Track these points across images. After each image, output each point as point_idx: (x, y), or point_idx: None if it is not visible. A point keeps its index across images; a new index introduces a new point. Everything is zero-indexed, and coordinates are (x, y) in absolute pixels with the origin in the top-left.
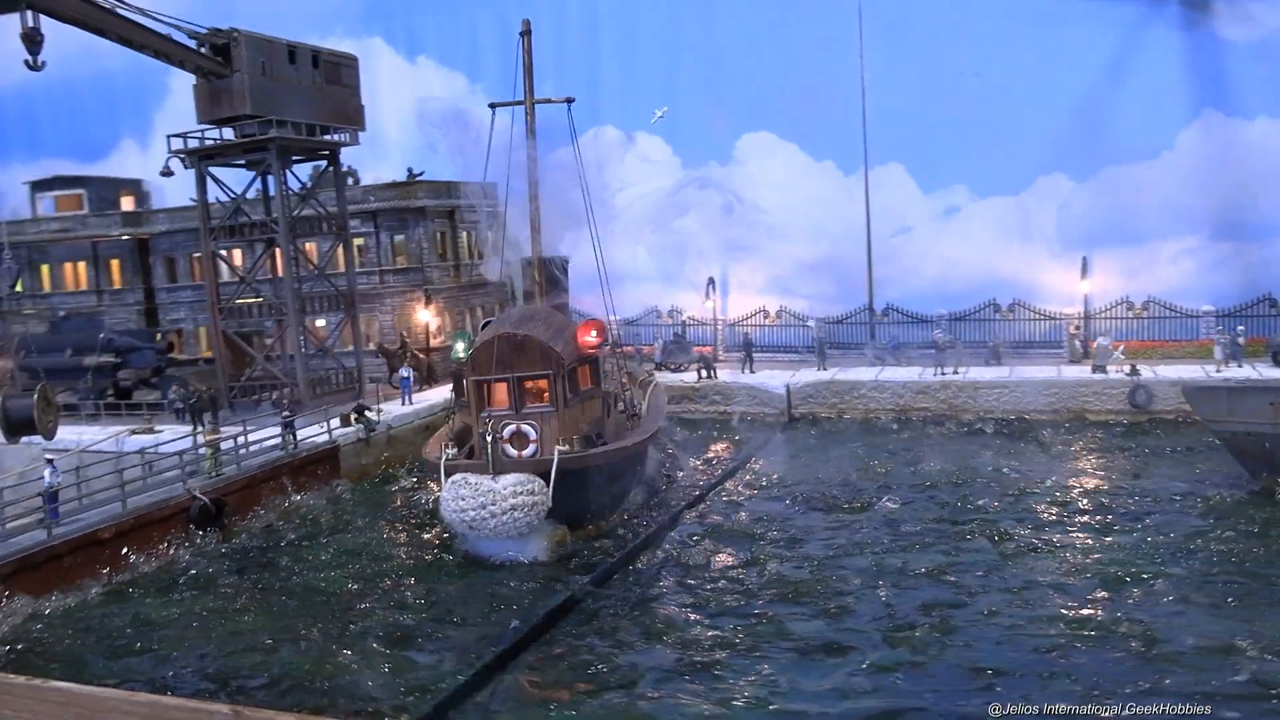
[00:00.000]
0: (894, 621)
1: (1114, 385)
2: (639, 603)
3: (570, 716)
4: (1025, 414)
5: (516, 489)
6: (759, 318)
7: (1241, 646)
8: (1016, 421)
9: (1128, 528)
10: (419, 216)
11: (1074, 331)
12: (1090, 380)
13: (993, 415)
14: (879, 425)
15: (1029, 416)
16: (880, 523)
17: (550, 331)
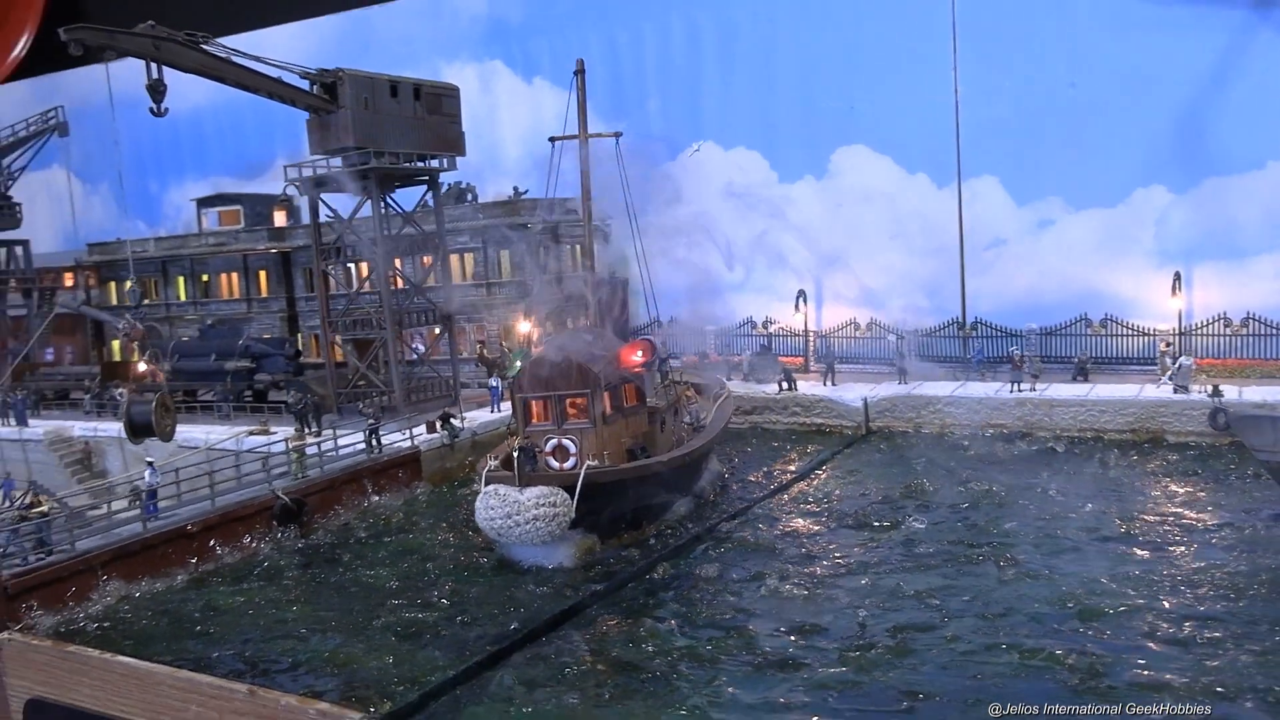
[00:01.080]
0: (857, 641)
1: (1194, 406)
2: (635, 611)
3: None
4: (1102, 433)
5: (539, 500)
6: (849, 330)
7: (1176, 687)
8: (1092, 441)
9: (1143, 557)
10: (523, 232)
11: (1165, 349)
12: (1170, 400)
13: (1068, 434)
14: (950, 441)
15: (1106, 436)
16: (899, 542)
17: (590, 353)
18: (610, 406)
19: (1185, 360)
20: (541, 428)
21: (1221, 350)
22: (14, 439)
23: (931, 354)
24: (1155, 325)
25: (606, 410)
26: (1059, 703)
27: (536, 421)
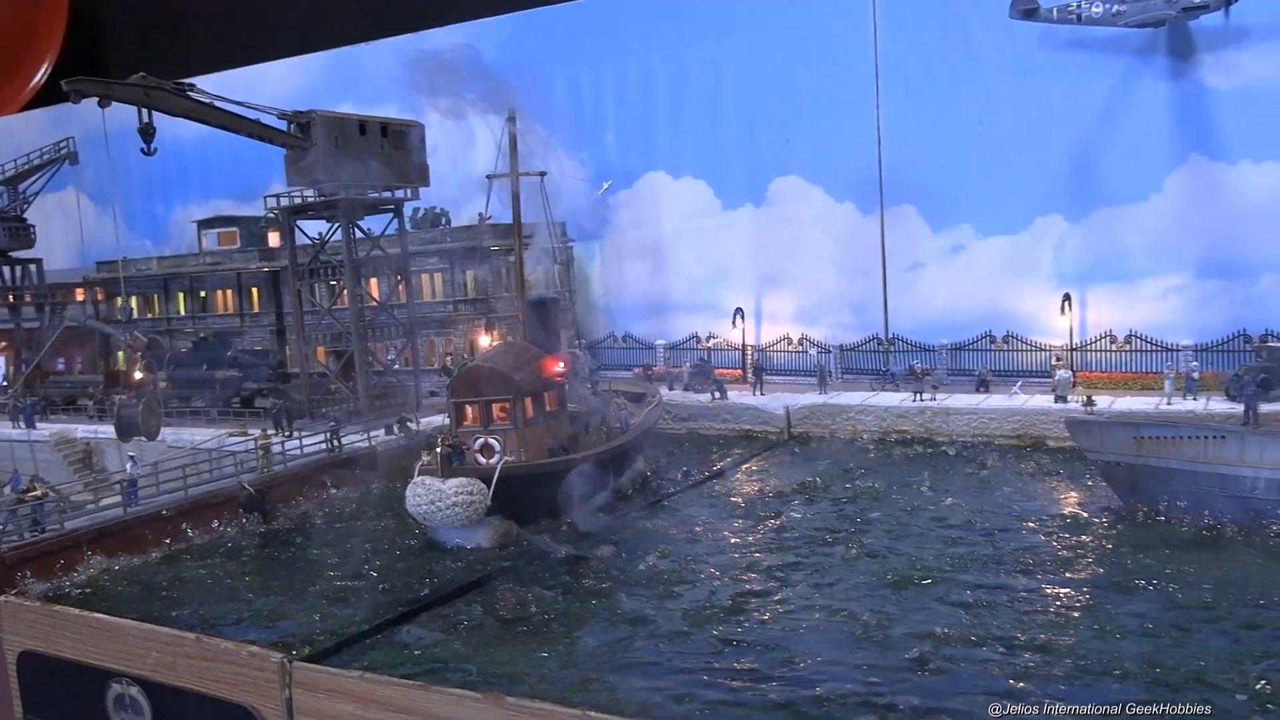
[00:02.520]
0: (702, 604)
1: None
2: (532, 582)
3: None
4: (992, 439)
5: (459, 490)
6: (782, 345)
7: (938, 634)
8: (982, 446)
9: (971, 541)
10: (486, 254)
11: (1056, 363)
12: (1050, 409)
13: (962, 439)
14: (858, 445)
15: (995, 441)
16: (773, 529)
17: (513, 364)
18: (532, 411)
19: (1064, 373)
20: (471, 429)
21: (1108, 365)
22: (23, 440)
23: (856, 367)
24: (1051, 342)
25: (528, 414)
26: (851, 649)
27: (467, 423)
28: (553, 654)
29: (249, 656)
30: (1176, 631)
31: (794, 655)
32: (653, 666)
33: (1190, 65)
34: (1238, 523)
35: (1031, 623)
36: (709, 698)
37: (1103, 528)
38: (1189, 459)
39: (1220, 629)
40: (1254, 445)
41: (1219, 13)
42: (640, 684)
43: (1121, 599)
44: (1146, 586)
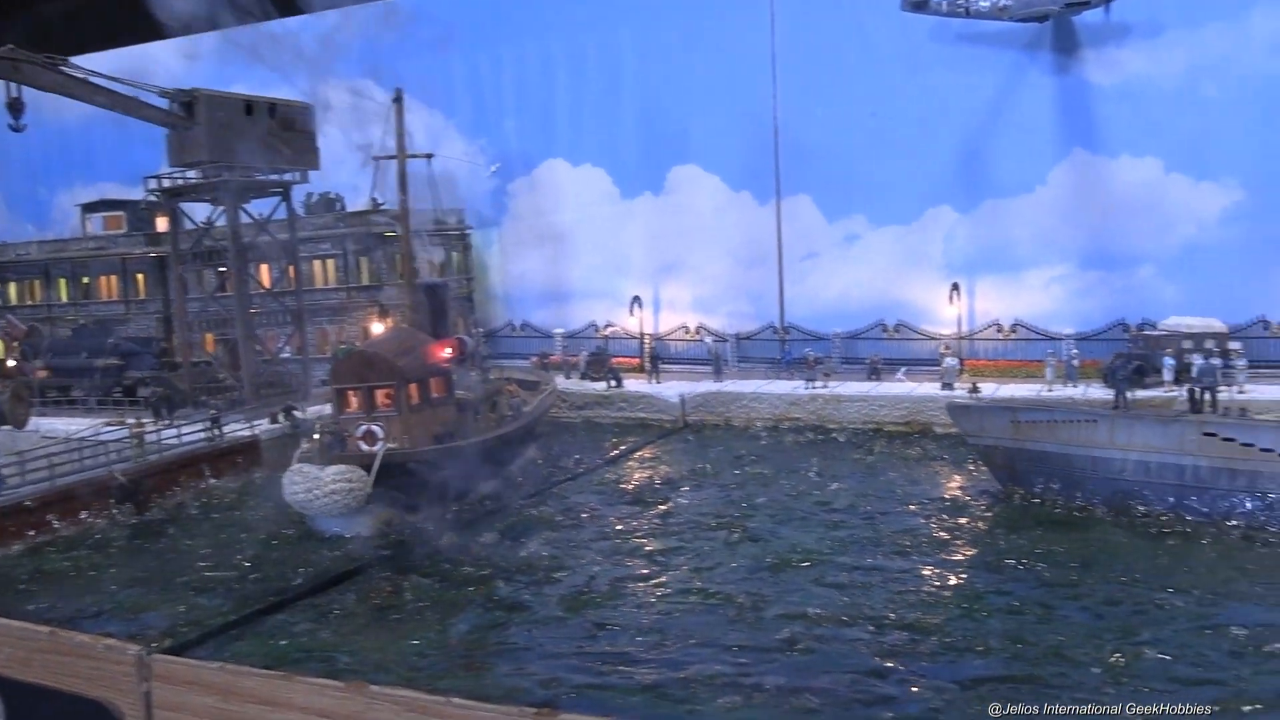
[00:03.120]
0: (580, 590)
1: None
2: (410, 570)
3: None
4: (881, 425)
5: (337, 477)
6: (680, 333)
7: (810, 615)
8: (872, 432)
9: (852, 524)
10: (379, 240)
11: (945, 351)
12: (936, 397)
13: (853, 426)
14: (751, 432)
15: (885, 428)
16: (660, 514)
17: (398, 350)
18: (418, 397)
19: (950, 361)
20: (354, 415)
21: (994, 353)
22: None
23: (752, 356)
24: (940, 330)
25: (413, 400)
26: (724, 631)
27: (350, 410)
28: (424, 641)
29: (105, 650)
30: (1041, 609)
31: (666, 638)
32: (524, 652)
33: (1074, 61)
34: (1107, 503)
35: (903, 602)
36: (577, 681)
37: (980, 510)
38: (1063, 442)
39: (1083, 605)
40: (1123, 429)
41: (1100, 9)
42: (508, 669)
43: (992, 578)
44: (1016, 566)
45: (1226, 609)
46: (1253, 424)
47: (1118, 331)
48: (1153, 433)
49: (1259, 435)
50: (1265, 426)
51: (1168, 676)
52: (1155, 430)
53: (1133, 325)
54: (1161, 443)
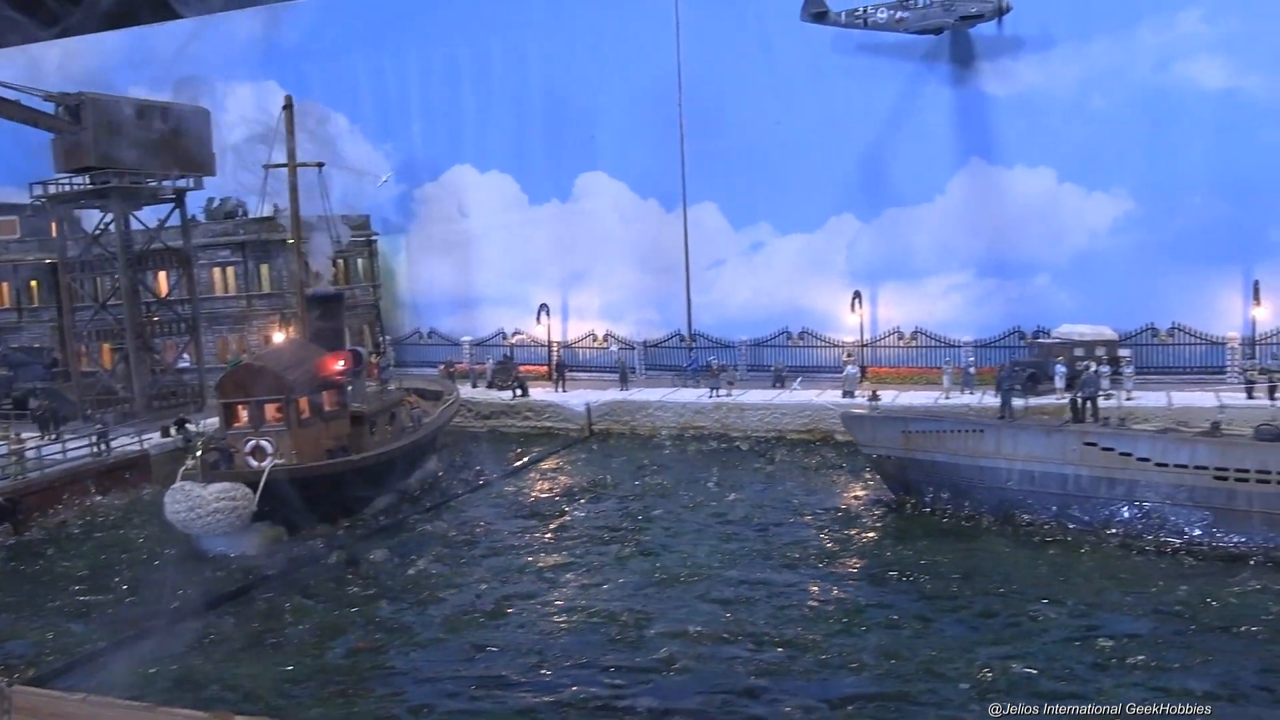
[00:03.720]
0: (465, 609)
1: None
2: (294, 591)
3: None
4: (784, 434)
5: (220, 495)
6: (588, 341)
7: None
8: (774, 441)
9: (746, 536)
10: (280, 248)
11: (847, 359)
12: (838, 404)
13: (756, 434)
14: (655, 442)
15: (787, 436)
16: (555, 529)
17: (287, 363)
18: (309, 411)
19: (851, 369)
20: (241, 430)
21: (896, 360)
22: None
23: (660, 364)
24: (844, 338)
25: (303, 414)
26: (604, 651)
27: (238, 425)
28: (298, 667)
29: None
30: (919, 622)
31: (545, 660)
32: (398, 676)
33: (971, 72)
34: (994, 513)
35: (784, 618)
36: (448, 708)
37: (871, 521)
38: (951, 452)
39: (959, 618)
40: (1008, 438)
41: (993, 23)
42: (382, 695)
43: (874, 591)
44: (900, 578)
45: (1096, 620)
46: (1131, 433)
47: (1014, 339)
48: (1036, 443)
49: (1136, 444)
50: (1142, 436)
51: (1032, 691)
52: (1039, 440)
53: (1028, 333)
54: (1045, 452)
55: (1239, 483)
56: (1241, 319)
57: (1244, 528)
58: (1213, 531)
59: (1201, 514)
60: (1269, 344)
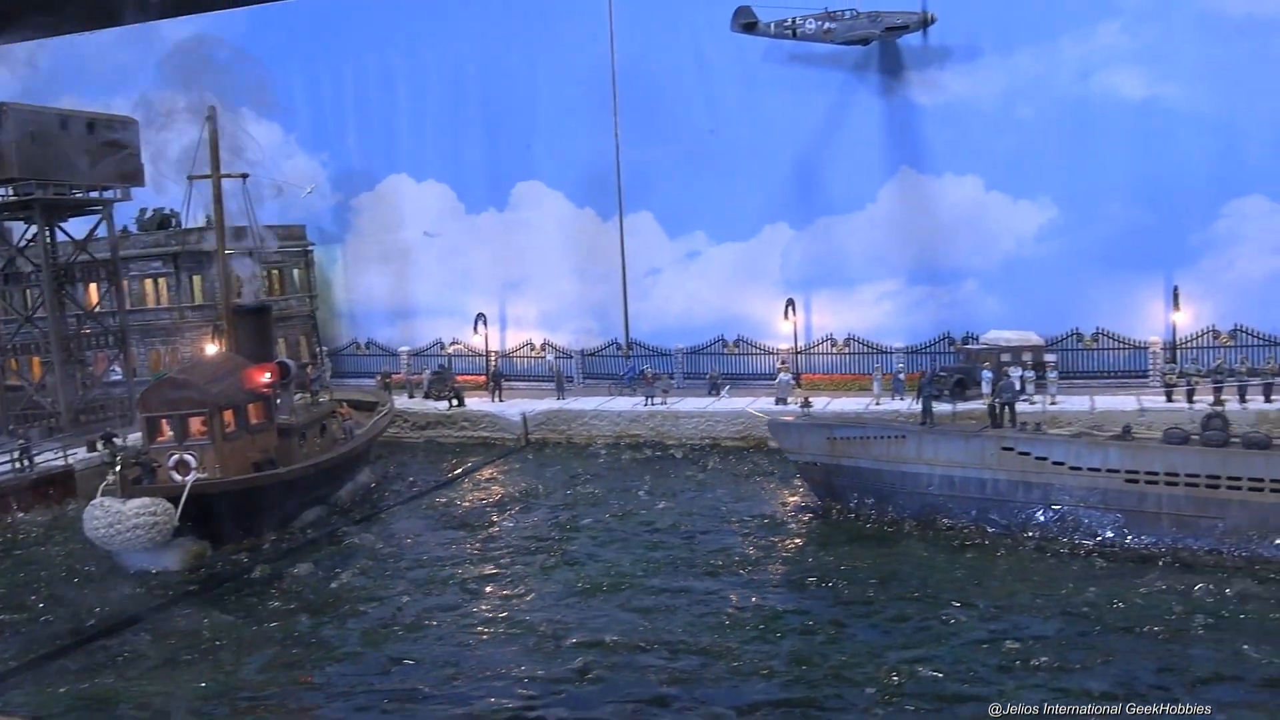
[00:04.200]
0: (385, 622)
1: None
2: (214, 607)
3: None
4: (718, 441)
5: (140, 511)
6: (525, 350)
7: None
8: (708, 448)
9: (671, 544)
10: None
11: (781, 366)
12: (771, 411)
13: (690, 442)
14: (591, 450)
15: (721, 443)
16: (483, 539)
17: (211, 376)
18: (234, 424)
19: (784, 376)
20: (165, 445)
21: (829, 367)
22: None
23: (598, 372)
24: (778, 345)
25: (228, 428)
26: (520, 662)
27: (161, 439)
28: (211, 684)
29: None
30: (833, 628)
31: (460, 672)
32: (311, 692)
33: (899, 82)
34: (915, 518)
35: (702, 625)
36: None
37: (796, 527)
38: (875, 458)
39: (873, 623)
40: (929, 444)
41: (919, 33)
42: (293, 709)
43: (792, 598)
44: (818, 584)
45: (1006, 622)
46: (1046, 438)
47: (944, 345)
48: (956, 448)
49: (1052, 449)
50: (1057, 440)
51: (936, 695)
52: (958, 445)
53: (957, 339)
54: (964, 458)
55: (1149, 485)
56: (1163, 323)
57: (1154, 529)
58: (1124, 533)
59: (1113, 516)
60: (1189, 348)
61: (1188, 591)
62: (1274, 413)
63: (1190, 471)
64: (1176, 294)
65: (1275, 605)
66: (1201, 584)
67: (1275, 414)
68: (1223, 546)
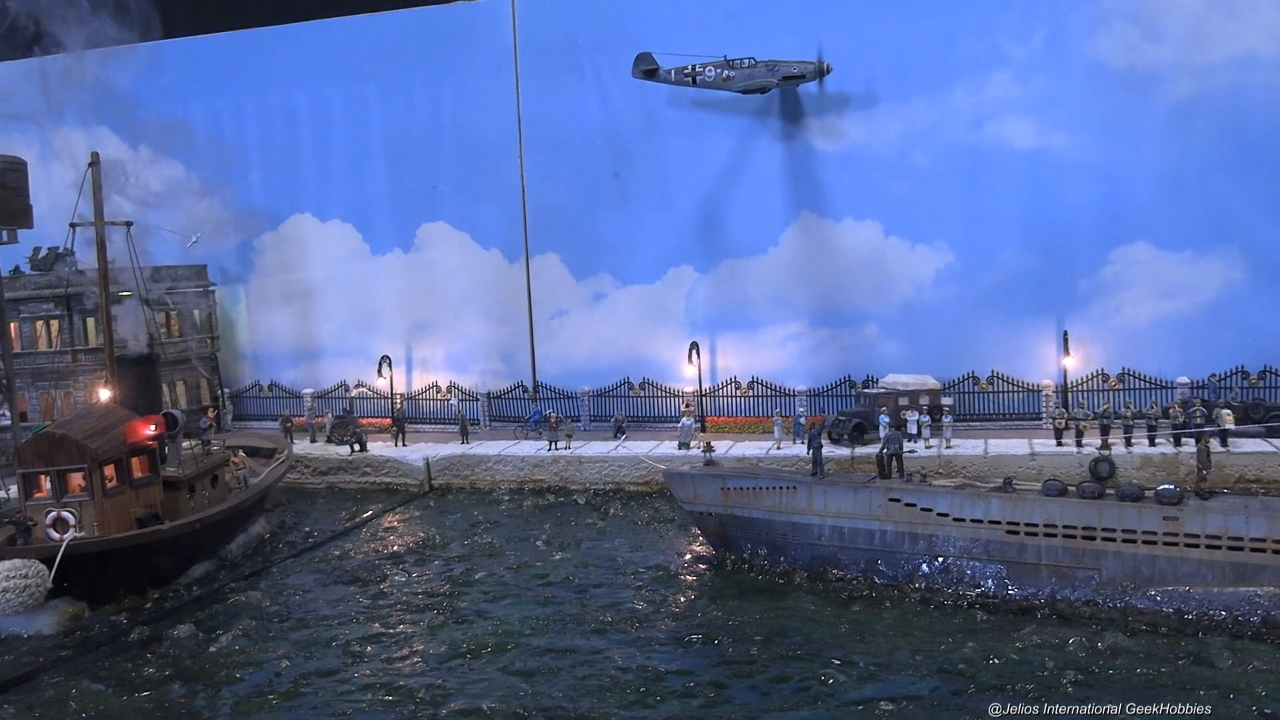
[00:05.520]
0: (261, 689)
1: (692, 462)
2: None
3: None
4: (622, 486)
5: (10, 573)
6: (431, 393)
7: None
8: (613, 493)
9: (563, 599)
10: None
11: (686, 409)
12: (674, 456)
13: (594, 487)
14: (494, 497)
15: (625, 488)
16: (373, 595)
17: (91, 429)
18: (116, 479)
19: (687, 421)
20: (42, 501)
21: (734, 409)
22: None
23: (504, 414)
24: (683, 388)
25: (110, 483)
26: None
27: (39, 495)
28: None
29: None
30: (713, 689)
31: None
32: None
33: (800, 128)
34: (807, 569)
35: (583, 689)
36: None
37: (690, 579)
38: (767, 509)
39: (753, 684)
40: (819, 495)
41: (814, 83)
42: None
43: (676, 657)
44: (704, 641)
45: (883, 681)
46: (931, 489)
47: (845, 388)
48: (845, 499)
49: (936, 500)
50: (941, 491)
51: None
52: (847, 496)
53: (858, 382)
54: (853, 508)
55: (1029, 536)
56: (1055, 367)
57: (1034, 580)
58: (1005, 584)
59: (995, 567)
60: (1079, 391)
61: (1061, 645)
62: (1157, 456)
63: (1068, 523)
64: (1066, 338)
65: (1143, 659)
66: (1075, 637)
67: (1159, 458)
68: (1099, 597)
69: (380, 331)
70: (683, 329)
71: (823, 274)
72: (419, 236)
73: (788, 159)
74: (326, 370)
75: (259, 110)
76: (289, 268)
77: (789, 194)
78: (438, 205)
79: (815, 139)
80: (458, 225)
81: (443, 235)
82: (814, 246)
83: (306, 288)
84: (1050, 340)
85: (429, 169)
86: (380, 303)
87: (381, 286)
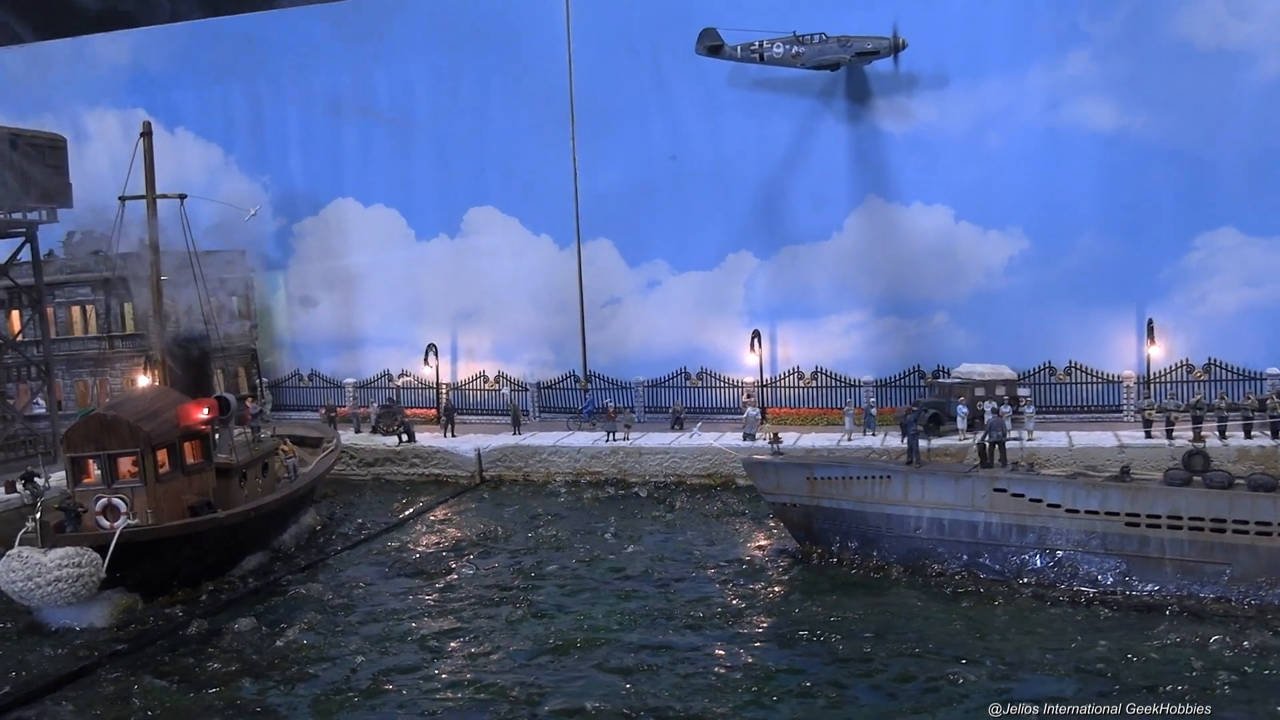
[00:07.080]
0: (339, 686)
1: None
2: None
3: None
4: (684, 478)
5: (63, 562)
6: (479, 382)
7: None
8: (674, 486)
9: (646, 594)
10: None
11: (747, 399)
12: (740, 448)
13: (655, 479)
14: (550, 489)
15: (687, 481)
16: (441, 588)
17: (144, 412)
18: (168, 464)
19: (752, 411)
20: (92, 487)
21: (797, 400)
22: None
23: (554, 405)
24: (743, 378)
25: (162, 469)
26: None
27: (88, 481)
28: None
29: None
30: (833, 689)
31: None
32: None
33: (866, 109)
34: (903, 563)
35: (690, 688)
36: None
37: (777, 573)
38: (857, 499)
39: (875, 683)
40: (916, 485)
41: (889, 60)
42: None
43: (784, 654)
44: (810, 638)
45: (1017, 681)
46: (1040, 479)
47: (914, 379)
48: (945, 489)
49: (1046, 490)
50: (1052, 481)
51: None
52: (948, 486)
53: (928, 372)
54: (954, 499)
55: (1150, 529)
56: (1136, 357)
57: (1158, 576)
58: (1126, 580)
59: (1114, 562)
60: (1163, 382)
61: (1203, 644)
62: (1254, 449)
63: (1194, 514)
64: (1151, 327)
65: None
66: (1216, 636)
67: (1256, 450)
68: (1231, 594)
69: (424, 319)
70: (741, 318)
71: (889, 261)
72: (465, 221)
73: (853, 141)
74: (368, 359)
75: (301, 93)
76: (330, 253)
77: (854, 177)
78: (486, 189)
79: (883, 120)
80: (506, 210)
81: (491, 220)
82: (880, 232)
83: (348, 274)
84: (1129, 330)
85: (477, 152)
86: (425, 290)
87: (426, 273)
